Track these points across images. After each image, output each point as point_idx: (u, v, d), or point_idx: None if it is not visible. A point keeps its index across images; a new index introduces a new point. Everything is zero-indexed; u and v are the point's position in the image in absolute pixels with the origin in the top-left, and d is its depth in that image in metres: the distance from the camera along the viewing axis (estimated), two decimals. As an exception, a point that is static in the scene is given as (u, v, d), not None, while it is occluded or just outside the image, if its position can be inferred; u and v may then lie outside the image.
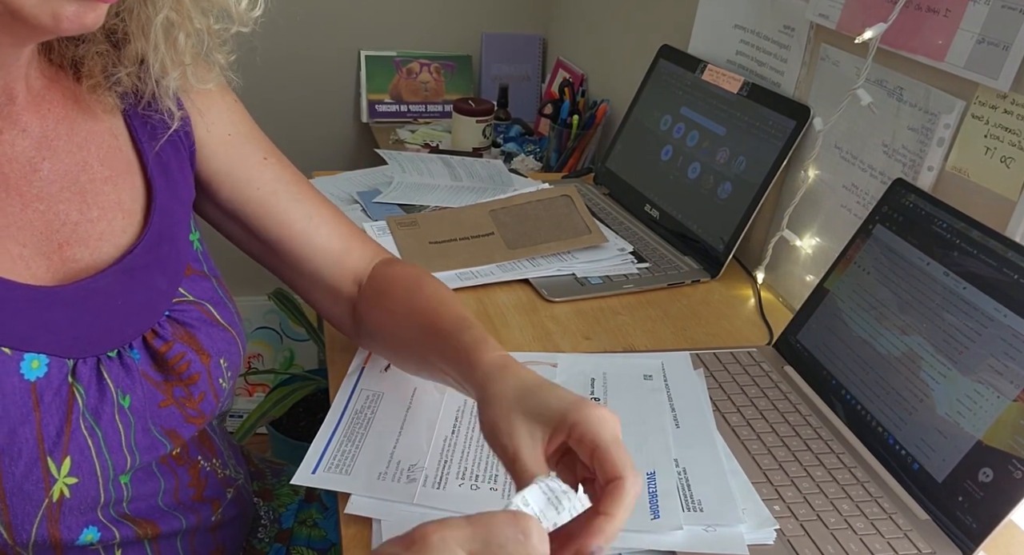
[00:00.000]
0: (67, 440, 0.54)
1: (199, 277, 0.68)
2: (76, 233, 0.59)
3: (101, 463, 0.57)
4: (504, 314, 0.94)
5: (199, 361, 0.64)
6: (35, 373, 0.53)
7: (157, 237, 0.64)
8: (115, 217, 0.62)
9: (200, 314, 0.66)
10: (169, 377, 0.62)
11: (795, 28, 1.04)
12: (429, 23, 1.96)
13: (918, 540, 0.65)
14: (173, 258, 0.65)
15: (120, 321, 0.60)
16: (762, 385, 0.83)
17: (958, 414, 0.68)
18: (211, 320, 0.66)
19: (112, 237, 0.61)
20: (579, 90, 1.65)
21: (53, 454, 0.53)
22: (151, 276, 0.63)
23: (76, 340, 0.56)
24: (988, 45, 0.75)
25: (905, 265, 0.78)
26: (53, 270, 0.58)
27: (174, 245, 0.66)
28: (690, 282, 1.06)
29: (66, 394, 0.55)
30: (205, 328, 0.65)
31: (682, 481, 0.67)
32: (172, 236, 0.66)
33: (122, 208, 0.62)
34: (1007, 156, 0.75)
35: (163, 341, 0.62)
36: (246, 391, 2.06)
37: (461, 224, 1.08)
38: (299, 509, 0.89)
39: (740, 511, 0.64)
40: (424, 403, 0.76)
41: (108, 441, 0.57)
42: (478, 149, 1.62)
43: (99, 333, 0.58)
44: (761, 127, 1.06)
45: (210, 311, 0.67)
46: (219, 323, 0.67)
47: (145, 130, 0.65)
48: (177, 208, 0.67)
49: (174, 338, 0.63)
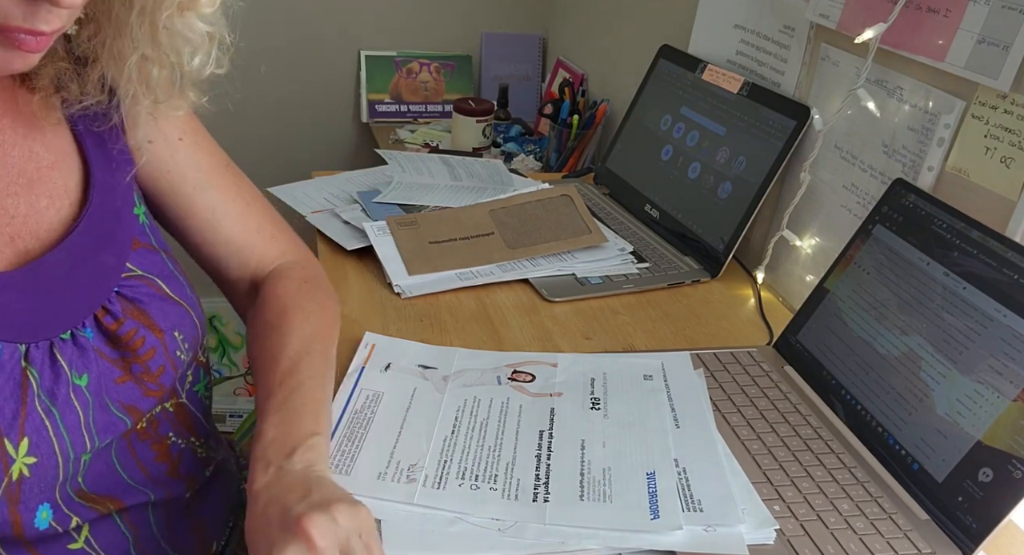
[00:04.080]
0: (23, 421, 0.54)
1: (147, 250, 0.67)
2: (26, 226, 0.59)
3: (60, 443, 0.57)
4: (504, 314, 0.94)
5: (153, 336, 0.64)
6: None
7: (99, 213, 0.63)
8: (63, 205, 0.62)
9: (149, 289, 0.65)
10: (125, 354, 0.62)
11: (795, 28, 1.04)
12: (429, 23, 1.96)
13: (918, 540, 0.65)
14: (118, 233, 0.65)
15: (70, 301, 0.59)
16: (762, 385, 0.83)
17: (958, 414, 0.68)
18: (161, 295, 0.66)
19: (60, 224, 0.61)
20: (579, 90, 1.65)
21: (9, 435, 0.53)
22: (97, 253, 0.62)
23: (28, 324, 0.56)
24: (988, 45, 0.75)
25: (905, 265, 0.78)
26: (5, 261, 0.57)
27: (117, 220, 0.65)
28: (690, 282, 1.06)
29: (19, 377, 0.55)
30: (156, 303, 0.65)
31: (682, 481, 0.67)
32: (115, 210, 0.65)
33: (68, 193, 0.62)
34: (1007, 156, 0.75)
35: (114, 319, 0.62)
36: (246, 391, 2.06)
37: (461, 224, 1.08)
38: None
39: (740, 511, 0.64)
40: (424, 403, 0.76)
41: (66, 422, 0.57)
42: (478, 149, 1.62)
43: (50, 315, 0.58)
44: (761, 127, 1.06)
45: (160, 286, 0.66)
46: (170, 297, 0.66)
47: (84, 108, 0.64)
48: (118, 181, 0.66)
49: (125, 315, 0.62)
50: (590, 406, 0.76)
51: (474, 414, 0.74)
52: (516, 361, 0.83)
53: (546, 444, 0.71)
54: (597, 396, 0.78)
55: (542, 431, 0.73)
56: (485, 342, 0.88)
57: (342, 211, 1.11)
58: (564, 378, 0.81)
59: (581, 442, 0.71)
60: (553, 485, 0.66)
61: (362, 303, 0.94)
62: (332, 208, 1.13)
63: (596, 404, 0.77)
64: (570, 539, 0.61)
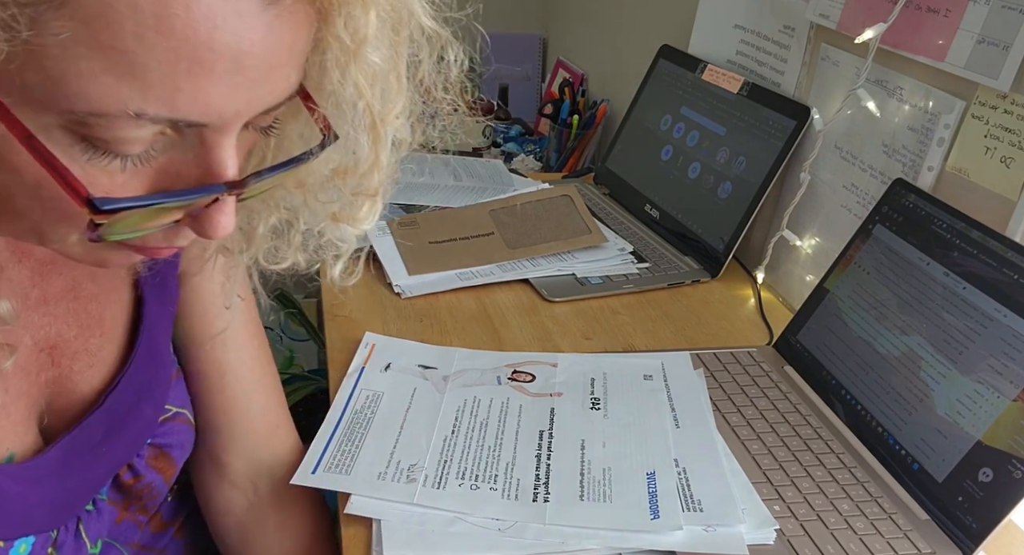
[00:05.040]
0: None
1: (178, 379, 0.63)
2: (63, 385, 0.53)
3: None
4: (504, 314, 0.94)
5: (162, 481, 0.61)
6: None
7: (146, 359, 0.57)
8: (91, 336, 0.54)
9: (183, 426, 0.63)
10: (131, 501, 0.60)
11: (795, 28, 1.04)
12: (429, 23, 1.96)
13: (918, 540, 0.65)
14: (162, 377, 0.60)
15: (103, 468, 0.56)
16: (762, 385, 0.83)
17: (958, 414, 0.68)
18: (189, 426, 0.64)
19: (95, 371, 0.55)
20: (579, 90, 1.65)
21: None
22: (137, 409, 0.57)
23: (61, 509, 0.53)
24: (988, 45, 0.75)
25: (905, 265, 0.78)
26: (34, 434, 0.52)
27: (161, 361, 0.59)
28: (690, 282, 1.06)
29: None
30: (184, 438, 0.62)
31: (682, 481, 0.67)
32: (158, 351, 0.59)
33: (102, 326, 0.55)
34: (1007, 156, 0.75)
35: (134, 475, 0.59)
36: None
37: (461, 224, 1.08)
38: None
39: (740, 511, 0.64)
40: (424, 403, 0.76)
41: None
42: (478, 149, 1.61)
43: (83, 491, 0.54)
44: (761, 127, 1.06)
45: (189, 417, 0.64)
46: (192, 424, 0.64)
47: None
48: (164, 315, 0.60)
49: (148, 468, 0.59)
50: (590, 406, 0.76)
51: (474, 414, 0.74)
52: (516, 361, 0.83)
53: (546, 444, 0.71)
54: (597, 396, 0.78)
55: (542, 431, 0.73)
56: (485, 342, 0.88)
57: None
58: (564, 378, 0.81)
59: (581, 442, 0.71)
60: (553, 485, 0.66)
61: (362, 303, 0.94)
62: (332, 208, 1.13)
63: (596, 404, 0.77)
64: (570, 539, 0.61)
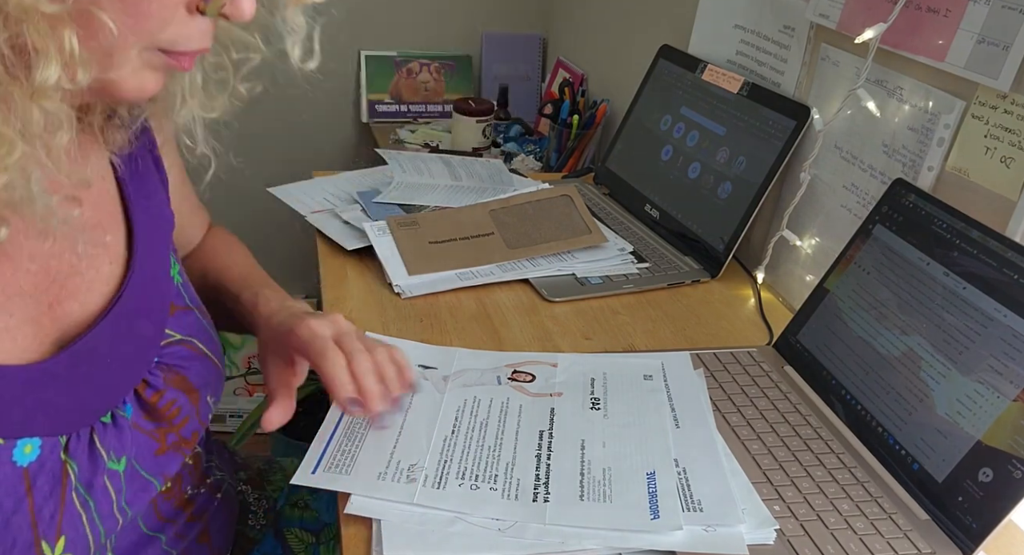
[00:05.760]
0: (60, 519, 0.52)
1: (183, 312, 0.66)
2: (66, 288, 0.57)
3: (93, 532, 0.56)
4: (504, 314, 0.94)
5: (189, 404, 0.63)
6: (27, 458, 0.51)
7: (141, 280, 0.61)
8: (102, 265, 0.59)
9: (189, 351, 0.65)
10: (162, 424, 0.61)
11: (795, 28, 1.04)
12: (429, 23, 1.96)
13: (918, 540, 0.65)
14: (158, 300, 0.63)
15: (113, 379, 0.58)
16: (762, 385, 0.83)
17: (958, 414, 0.68)
18: (200, 354, 0.66)
19: (99, 285, 0.59)
20: (579, 90, 1.65)
21: (47, 536, 0.52)
22: (138, 323, 0.60)
23: (70, 414, 0.54)
24: (988, 45, 0.75)
25: (905, 265, 0.78)
26: (42, 336, 0.55)
27: (157, 286, 0.64)
28: (690, 282, 1.06)
29: (59, 472, 0.53)
30: (195, 365, 0.65)
31: (682, 481, 0.67)
32: (155, 277, 0.63)
33: (108, 253, 0.60)
34: (1007, 156, 0.75)
35: (154, 391, 0.61)
36: (246, 391, 2.06)
37: (461, 224, 1.08)
38: (290, 492, 0.90)
39: (740, 511, 0.64)
40: (424, 403, 0.76)
41: (100, 509, 0.56)
42: (478, 149, 1.61)
43: (92, 399, 0.56)
44: (761, 127, 1.06)
45: (198, 346, 0.66)
46: (207, 356, 0.67)
47: (128, 166, 0.63)
48: (159, 244, 0.65)
49: (166, 384, 0.61)
50: (590, 406, 0.76)
51: (474, 414, 0.74)
52: (516, 361, 0.83)
53: (546, 444, 0.71)
54: (597, 396, 0.78)
55: (542, 431, 0.73)
56: (485, 342, 0.88)
57: (342, 211, 1.11)
58: (564, 378, 0.81)
59: (581, 442, 0.71)
60: (553, 485, 0.66)
61: (362, 303, 0.94)
62: (332, 208, 1.13)
63: (596, 404, 0.77)
64: (570, 539, 0.61)
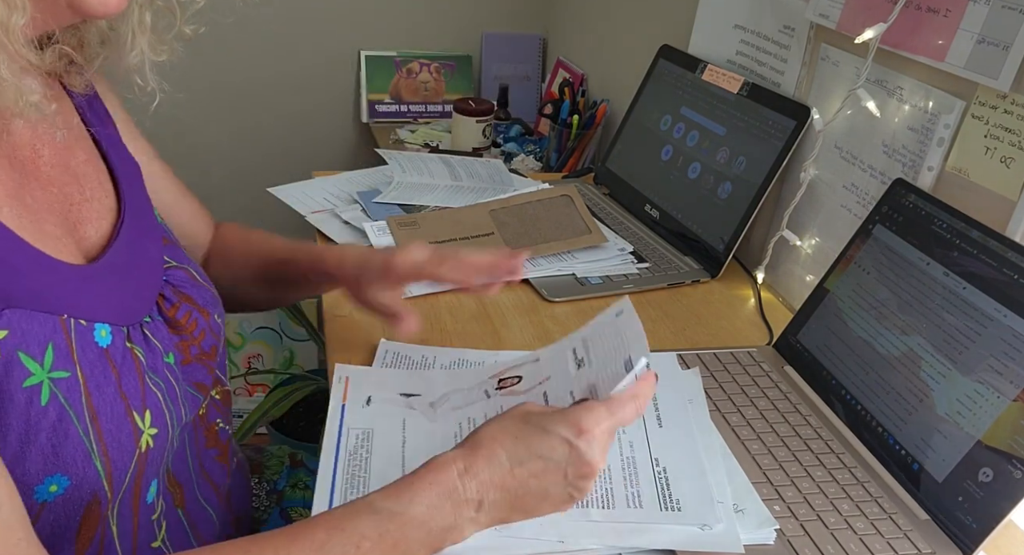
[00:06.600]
0: (143, 394, 0.58)
1: (172, 246, 0.71)
2: (82, 213, 0.62)
3: (169, 413, 0.60)
4: (504, 314, 0.94)
5: (202, 318, 0.68)
6: (105, 341, 0.57)
7: (134, 211, 0.66)
8: (101, 197, 0.64)
9: (187, 277, 0.70)
10: (184, 336, 0.66)
11: (795, 28, 1.04)
12: (429, 23, 1.96)
13: (918, 540, 0.65)
14: (151, 231, 0.68)
15: (139, 289, 0.63)
16: (762, 385, 0.83)
17: (958, 414, 0.68)
18: (196, 282, 0.70)
19: (104, 214, 0.64)
20: (579, 90, 1.65)
21: (137, 408, 0.57)
22: (144, 246, 0.66)
23: (120, 309, 0.59)
24: (988, 45, 0.75)
25: (905, 265, 0.78)
26: (76, 249, 0.60)
27: (147, 219, 0.69)
28: (690, 282, 1.06)
29: (130, 356, 0.58)
30: (195, 289, 0.69)
31: (661, 481, 0.67)
32: (143, 211, 0.68)
33: (103, 188, 0.65)
34: (1007, 156, 0.75)
35: (170, 303, 0.66)
36: (246, 391, 2.06)
37: (461, 224, 1.08)
38: (289, 474, 0.92)
39: (718, 511, 0.64)
40: (418, 434, 0.72)
41: (169, 394, 0.61)
42: (478, 149, 1.61)
43: (131, 302, 0.61)
44: (761, 127, 1.06)
45: (193, 274, 0.71)
46: (203, 284, 0.71)
47: (89, 109, 0.67)
48: (136, 182, 0.69)
49: (178, 299, 0.67)
50: (576, 368, 0.71)
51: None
52: (498, 371, 0.79)
53: None
54: (580, 357, 0.75)
55: None
56: (485, 342, 0.88)
57: (342, 211, 1.11)
58: (548, 363, 0.79)
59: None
60: None
61: (362, 303, 0.94)
62: (332, 208, 1.13)
63: (581, 364, 0.74)
64: (568, 538, 0.61)
